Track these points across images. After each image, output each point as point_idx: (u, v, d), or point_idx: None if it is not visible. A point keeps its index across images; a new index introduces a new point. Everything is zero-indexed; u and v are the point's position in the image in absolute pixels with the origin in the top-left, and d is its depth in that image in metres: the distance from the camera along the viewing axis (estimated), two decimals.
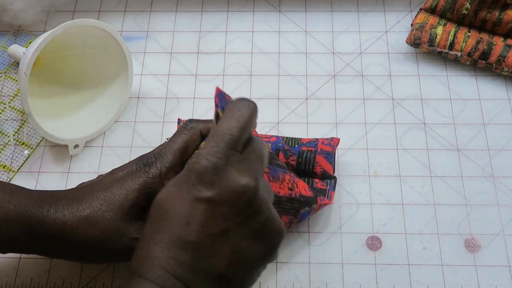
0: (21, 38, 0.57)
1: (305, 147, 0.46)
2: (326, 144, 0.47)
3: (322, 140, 0.47)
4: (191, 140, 0.39)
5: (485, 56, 0.52)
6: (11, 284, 0.45)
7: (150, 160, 0.39)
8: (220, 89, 0.35)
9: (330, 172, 0.47)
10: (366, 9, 0.59)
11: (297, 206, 0.43)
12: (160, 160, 0.38)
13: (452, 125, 0.51)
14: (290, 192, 0.42)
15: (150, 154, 0.39)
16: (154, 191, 0.35)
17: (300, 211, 0.44)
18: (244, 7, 0.59)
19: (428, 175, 0.49)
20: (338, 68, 0.55)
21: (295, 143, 0.47)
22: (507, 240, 0.46)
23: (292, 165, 0.46)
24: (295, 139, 0.47)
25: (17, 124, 0.53)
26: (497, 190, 0.48)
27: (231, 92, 0.54)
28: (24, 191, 0.39)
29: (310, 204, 0.44)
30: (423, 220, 0.47)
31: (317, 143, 0.47)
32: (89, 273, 0.46)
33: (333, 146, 0.47)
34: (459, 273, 0.45)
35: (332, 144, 0.47)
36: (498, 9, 0.53)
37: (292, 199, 0.43)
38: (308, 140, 0.47)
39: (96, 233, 0.36)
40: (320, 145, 0.47)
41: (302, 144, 0.47)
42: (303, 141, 0.47)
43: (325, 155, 0.46)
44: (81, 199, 0.37)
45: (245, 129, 0.31)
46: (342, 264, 0.45)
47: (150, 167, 0.38)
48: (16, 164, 0.51)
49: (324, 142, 0.47)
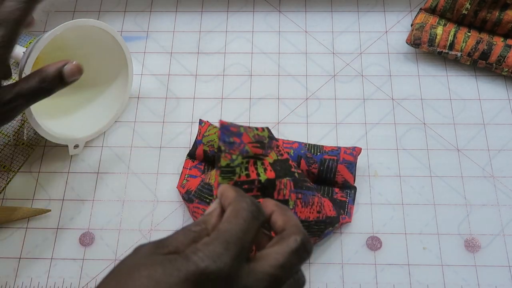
0: (21, 38, 0.57)
1: (328, 155, 0.46)
2: (348, 154, 0.46)
3: (344, 149, 0.47)
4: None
5: (485, 56, 0.52)
6: (11, 284, 0.45)
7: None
8: (224, 123, 0.34)
9: (351, 181, 0.47)
10: (366, 9, 0.59)
11: (323, 227, 0.43)
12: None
13: (452, 125, 0.51)
14: (318, 215, 0.43)
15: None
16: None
17: (324, 231, 0.44)
18: (244, 7, 0.59)
19: (428, 175, 0.49)
20: (338, 68, 0.55)
21: (317, 150, 0.47)
22: (507, 240, 0.46)
23: (314, 173, 0.46)
24: (318, 147, 0.47)
25: (17, 124, 0.53)
26: (497, 190, 0.48)
27: (231, 92, 0.54)
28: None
29: (334, 224, 0.44)
30: (423, 220, 0.47)
31: (339, 152, 0.47)
32: (89, 273, 0.46)
33: (355, 156, 0.47)
34: (459, 273, 0.45)
35: (354, 154, 0.47)
36: (498, 9, 0.53)
37: (319, 221, 0.43)
38: (331, 148, 0.47)
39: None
40: (342, 154, 0.46)
41: (325, 152, 0.47)
42: (325, 149, 0.47)
43: (347, 164, 0.46)
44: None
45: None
46: (342, 264, 0.45)
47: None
48: (16, 164, 0.51)
49: (347, 151, 0.47)
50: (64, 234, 0.47)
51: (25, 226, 0.48)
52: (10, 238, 0.47)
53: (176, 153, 0.51)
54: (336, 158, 0.46)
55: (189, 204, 0.45)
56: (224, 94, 0.54)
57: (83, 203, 0.49)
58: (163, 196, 0.49)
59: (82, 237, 0.47)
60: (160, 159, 0.51)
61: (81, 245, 0.47)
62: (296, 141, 0.48)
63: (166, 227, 0.47)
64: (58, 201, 0.49)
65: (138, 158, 0.51)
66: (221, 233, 0.27)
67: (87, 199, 0.49)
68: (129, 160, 0.51)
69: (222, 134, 0.34)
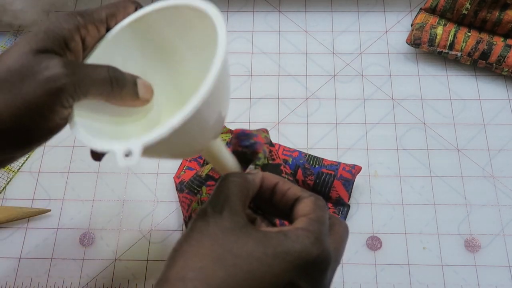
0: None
1: (326, 169, 0.46)
2: (347, 171, 0.46)
3: (344, 165, 0.46)
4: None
5: (485, 56, 0.52)
6: (11, 284, 0.45)
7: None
8: (237, 131, 0.35)
9: (345, 199, 0.46)
10: (366, 9, 0.59)
11: None
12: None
13: (452, 125, 0.51)
14: None
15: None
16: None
17: None
18: (244, 7, 0.59)
19: (428, 175, 0.49)
20: (338, 68, 0.55)
21: (316, 163, 0.46)
22: (507, 240, 0.46)
23: (309, 184, 0.46)
24: (317, 159, 0.47)
25: None
26: (497, 190, 0.48)
27: (231, 92, 0.54)
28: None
29: None
30: (423, 220, 0.47)
31: (338, 168, 0.46)
32: (89, 273, 0.46)
33: (354, 174, 0.46)
34: (459, 273, 0.45)
35: (353, 172, 0.46)
36: (498, 9, 0.53)
37: None
38: (330, 162, 0.47)
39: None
40: (340, 170, 0.46)
41: (323, 166, 0.46)
42: (325, 162, 0.47)
43: (344, 181, 0.46)
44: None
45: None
46: (342, 264, 0.45)
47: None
48: (16, 164, 0.51)
49: (346, 168, 0.46)
50: (64, 234, 0.47)
51: (25, 226, 0.48)
52: (10, 238, 0.47)
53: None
54: (334, 173, 0.46)
55: (180, 194, 0.45)
56: None
57: (83, 203, 0.49)
58: (163, 196, 0.49)
59: (82, 237, 0.47)
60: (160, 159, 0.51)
61: (81, 245, 0.47)
62: (297, 149, 0.48)
63: (166, 227, 0.47)
64: (58, 201, 0.49)
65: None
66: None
67: (87, 199, 0.49)
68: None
69: (240, 140, 0.35)
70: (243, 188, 0.30)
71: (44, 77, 0.27)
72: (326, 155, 0.49)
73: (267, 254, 0.27)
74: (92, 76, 0.28)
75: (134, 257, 0.46)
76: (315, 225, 0.29)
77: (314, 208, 0.30)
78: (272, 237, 0.27)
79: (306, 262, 0.27)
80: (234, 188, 0.30)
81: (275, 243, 0.27)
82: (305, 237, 0.27)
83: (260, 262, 0.26)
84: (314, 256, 0.27)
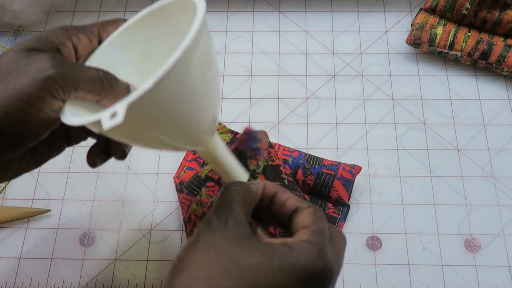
0: (21, 38, 0.57)
1: (326, 169, 0.46)
2: (347, 171, 0.46)
3: (344, 165, 0.46)
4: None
5: (485, 56, 0.52)
6: (11, 284, 0.45)
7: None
8: (248, 130, 0.35)
9: (345, 199, 0.46)
10: (366, 9, 0.59)
11: None
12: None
13: (452, 125, 0.51)
14: None
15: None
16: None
17: None
18: (244, 7, 0.59)
19: (428, 175, 0.49)
20: (338, 68, 0.55)
21: (316, 162, 0.46)
22: (507, 240, 0.46)
23: (309, 184, 0.46)
24: (317, 159, 0.47)
25: None
26: (497, 190, 0.48)
27: (231, 92, 0.54)
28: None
29: None
30: (423, 220, 0.47)
31: (338, 168, 0.46)
32: (89, 273, 0.46)
33: (354, 174, 0.46)
34: (459, 273, 0.45)
35: (353, 172, 0.46)
36: (498, 9, 0.53)
37: None
38: (330, 162, 0.47)
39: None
40: (340, 170, 0.46)
41: (323, 166, 0.46)
42: (325, 162, 0.47)
43: (344, 181, 0.46)
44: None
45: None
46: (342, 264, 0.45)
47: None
48: None
49: (346, 168, 0.46)
50: (64, 234, 0.47)
51: (25, 226, 0.48)
52: (10, 238, 0.47)
53: (176, 153, 0.51)
54: (334, 173, 0.46)
55: (179, 195, 0.45)
56: (224, 94, 0.54)
57: (83, 203, 0.49)
58: (163, 196, 0.49)
59: (82, 237, 0.47)
60: (160, 159, 0.51)
61: (81, 245, 0.47)
62: (297, 149, 0.48)
63: (166, 227, 0.47)
64: (58, 201, 0.49)
65: (138, 158, 0.51)
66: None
67: (87, 199, 0.49)
68: (129, 160, 0.51)
69: (249, 140, 0.35)
70: (246, 198, 0.30)
71: (33, 69, 0.27)
72: (326, 155, 0.49)
73: (273, 266, 0.27)
74: (82, 71, 0.29)
75: (134, 257, 0.46)
76: (318, 237, 0.29)
77: (314, 219, 0.30)
78: (277, 249, 0.28)
79: (311, 275, 0.27)
80: (238, 198, 0.30)
81: (280, 256, 0.27)
82: (309, 250, 0.28)
83: (265, 274, 0.27)
84: (318, 269, 0.27)
